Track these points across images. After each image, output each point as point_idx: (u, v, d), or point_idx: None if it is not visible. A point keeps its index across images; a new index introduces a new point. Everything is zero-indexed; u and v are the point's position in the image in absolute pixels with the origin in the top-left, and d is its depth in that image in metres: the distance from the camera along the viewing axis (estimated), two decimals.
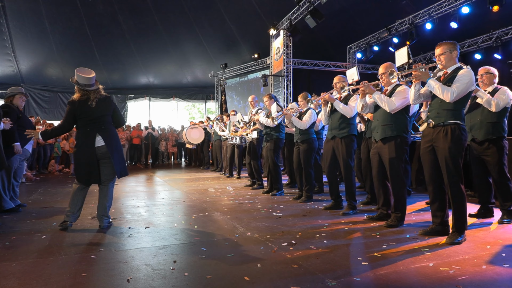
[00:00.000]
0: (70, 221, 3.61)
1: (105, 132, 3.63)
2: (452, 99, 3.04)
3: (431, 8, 9.41)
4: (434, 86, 3.12)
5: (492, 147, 3.76)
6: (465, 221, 3.10)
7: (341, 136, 4.28)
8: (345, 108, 4.22)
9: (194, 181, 7.64)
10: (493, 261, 2.62)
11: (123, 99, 16.62)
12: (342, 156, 4.28)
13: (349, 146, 4.26)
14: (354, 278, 2.33)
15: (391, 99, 3.60)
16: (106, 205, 3.70)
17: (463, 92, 3.05)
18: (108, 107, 3.71)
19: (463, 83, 3.03)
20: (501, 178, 3.74)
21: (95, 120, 3.60)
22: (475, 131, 3.87)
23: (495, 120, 3.75)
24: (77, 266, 2.57)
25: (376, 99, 3.68)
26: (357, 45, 12.73)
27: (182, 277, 2.37)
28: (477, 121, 3.85)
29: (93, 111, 3.58)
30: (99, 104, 3.62)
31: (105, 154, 3.60)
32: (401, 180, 3.63)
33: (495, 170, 3.75)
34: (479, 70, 3.99)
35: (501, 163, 3.73)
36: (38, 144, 9.47)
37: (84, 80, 3.57)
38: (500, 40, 9.28)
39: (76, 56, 14.02)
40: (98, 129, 3.61)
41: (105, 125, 3.66)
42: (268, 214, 4.30)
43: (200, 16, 13.02)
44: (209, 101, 17.90)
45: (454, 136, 3.06)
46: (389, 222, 3.64)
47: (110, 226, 3.70)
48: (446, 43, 3.19)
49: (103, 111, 3.64)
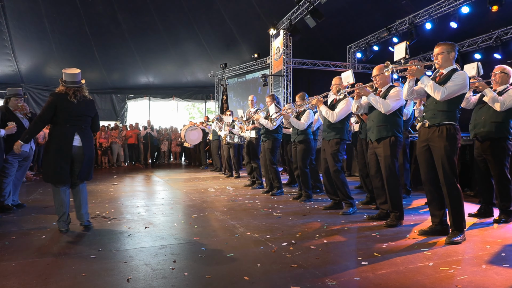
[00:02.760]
0: (65, 228, 3.48)
1: (84, 133, 3.56)
2: (442, 98, 3.06)
3: (431, 8, 9.41)
4: (427, 83, 3.15)
5: (494, 147, 3.72)
6: (463, 220, 3.11)
7: (328, 138, 4.35)
8: (328, 113, 4.29)
9: (193, 181, 7.64)
10: (492, 260, 2.63)
11: (123, 99, 16.61)
12: (328, 158, 4.35)
13: (335, 148, 4.29)
14: (354, 278, 2.33)
15: (386, 101, 3.63)
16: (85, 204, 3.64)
17: (454, 92, 3.07)
18: (91, 109, 3.66)
19: (455, 84, 3.04)
20: (501, 179, 3.73)
21: (76, 118, 3.51)
22: (478, 129, 3.84)
23: (500, 120, 3.69)
24: (77, 266, 2.57)
25: (372, 101, 3.71)
26: (357, 45, 12.73)
27: (182, 276, 2.37)
28: (481, 120, 3.81)
29: (75, 108, 3.49)
30: (82, 104, 3.55)
31: (80, 156, 3.51)
32: (395, 179, 3.66)
33: (496, 170, 3.74)
34: (495, 68, 3.92)
35: (502, 164, 3.71)
36: (38, 144, 9.47)
37: (67, 77, 3.52)
38: (500, 40, 9.28)
39: (76, 55, 14.01)
40: (78, 128, 3.52)
41: (85, 126, 3.60)
42: (268, 213, 4.30)
43: (200, 16, 13.02)
44: (209, 101, 17.89)
45: (449, 135, 3.08)
46: (388, 222, 3.65)
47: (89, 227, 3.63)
48: (445, 44, 3.20)
49: (86, 111, 3.58)
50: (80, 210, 3.63)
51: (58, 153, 3.43)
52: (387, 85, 3.78)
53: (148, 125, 12.29)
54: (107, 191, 6.28)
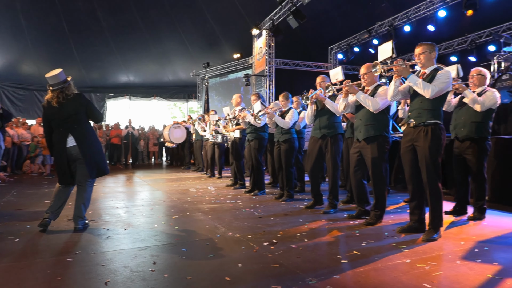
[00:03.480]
0: (50, 218, 3.53)
1: (77, 131, 3.52)
2: (432, 96, 3.11)
3: (410, 11, 9.64)
4: (416, 81, 3.17)
5: (473, 146, 3.82)
6: (441, 219, 3.19)
7: (331, 135, 4.31)
8: (333, 106, 4.22)
9: (175, 181, 7.56)
10: (466, 256, 2.71)
11: (102, 97, 16.30)
12: (331, 155, 4.29)
13: (338, 145, 4.30)
14: (334, 276, 2.36)
15: (375, 99, 3.65)
16: (81, 206, 3.59)
17: (442, 90, 3.14)
18: (78, 105, 3.56)
19: (442, 81, 3.10)
20: (479, 177, 3.84)
21: (65, 121, 3.49)
22: (458, 129, 3.95)
23: (479, 120, 3.80)
24: (52, 270, 2.50)
25: (360, 99, 3.72)
26: (338, 46, 12.90)
27: (162, 278, 2.34)
28: (462, 120, 3.92)
29: (59, 112, 3.47)
30: (67, 104, 3.48)
31: (78, 155, 3.52)
32: (383, 179, 3.70)
33: (474, 169, 3.84)
34: (471, 70, 4.06)
35: (481, 163, 3.81)
36: (13, 144, 9.17)
37: (49, 80, 3.46)
38: (474, 43, 9.60)
39: (53, 53, 13.65)
40: (70, 129, 3.51)
41: (78, 125, 3.54)
42: (250, 213, 4.30)
43: (182, 14, 12.91)
44: (191, 100, 17.76)
45: (435, 135, 3.13)
46: (368, 220, 3.70)
47: (86, 228, 3.60)
48: (426, 44, 3.27)
49: (71, 110, 3.50)
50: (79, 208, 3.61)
51: (57, 157, 3.58)
52: (375, 84, 3.81)
53: (129, 125, 12.08)
54: None
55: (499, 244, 3.03)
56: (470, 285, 2.20)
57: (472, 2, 7.67)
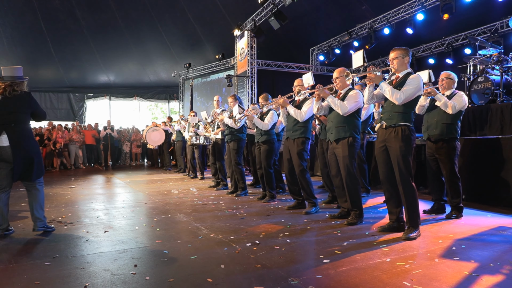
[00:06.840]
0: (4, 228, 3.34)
1: (15, 130, 3.31)
2: (401, 102, 3.24)
3: (389, 14, 9.85)
4: (386, 88, 3.32)
5: (445, 146, 3.98)
6: (418, 216, 3.27)
7: (294, 137, 4.41)
8: (296, 112, 4.35)
9: (156, 183, 7.46)
10: (444, 254, 2.78)
11: (81, 98, 15.95)
12: (294, 157, 4.42)
13: (300, 147, 4.37)
14: (315, 276, 2.38)
15: (343, 103, 3.75)
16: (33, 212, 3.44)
17: (411, 95, 3.25)
18: (24, 104, 3.38)
19: (411, 87, 3.23)
20: (452, 176, 3.98)
21: (4, 116, 3.29)
22: (431, 131, 4.10)
23: (449, 121, 3.97)
24: (29, 274, 2.42)
25: (330, 103, 3.83)
26: (319, 47, 13.05)
27: (143, 281, 2.31)
28: (434, 122, 4.07)
29: (1, 105, 3.28)
30: (11, 99, 3.30)
31: (9, 157, 3.29)
32: (354, 178, 3.78)
33: (447, 168, 3.99)
34: (441, 74, 4.23)
35: (452, 162, 3.97)
36: None
37: (2, 71, 3.33)
38: (451, 46, 9.88)
39: (30, 52, 13.26)
40: (6, 127, 3.29)
41: (16, 124, 3.33)
42: (232, 214, 4.29)
43: (163, 14, 12.77)
44: (172, 101, 17.59)
45: (404, 136, 3.24)
46: (349, 220, 3.76)
47: (47, 232, 3.47)
48: (400, 49, 3.37)
49: (15, 107, 3.33)
50: (32, 214, 3.44)
51: None
52: (347, 88, 3.92)
53: (108, 126, 11.84)
54: (63, 194, 5.98)
55: (476, 241, 3.13)
56: (448, 283, 2.26)
57: (449, 6, 7.92)
